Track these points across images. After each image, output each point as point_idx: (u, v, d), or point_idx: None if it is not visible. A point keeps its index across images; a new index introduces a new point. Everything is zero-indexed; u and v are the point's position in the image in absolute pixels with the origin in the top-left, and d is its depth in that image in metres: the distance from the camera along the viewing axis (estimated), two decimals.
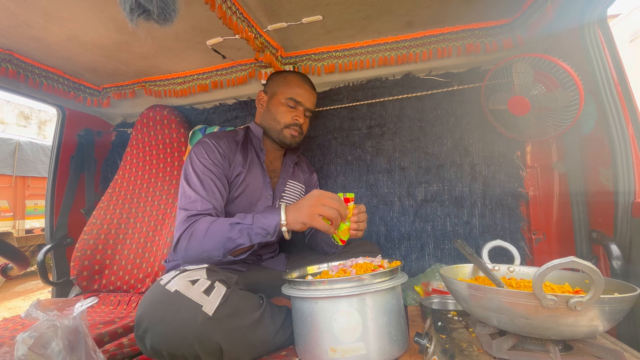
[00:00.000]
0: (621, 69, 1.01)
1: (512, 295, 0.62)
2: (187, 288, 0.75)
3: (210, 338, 0.73)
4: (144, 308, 0.74)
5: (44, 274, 1.52)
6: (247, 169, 1.17)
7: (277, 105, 1.22)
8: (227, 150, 1.15)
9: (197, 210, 1.01)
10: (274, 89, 1.24)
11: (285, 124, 1.21)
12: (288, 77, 1.25)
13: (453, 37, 1.35)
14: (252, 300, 0.87)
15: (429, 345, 0.75)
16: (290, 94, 1.21)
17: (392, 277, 0.83)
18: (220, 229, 0.95)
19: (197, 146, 1.14)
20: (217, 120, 1.76)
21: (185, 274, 0.78)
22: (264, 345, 0.85)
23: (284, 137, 1.22)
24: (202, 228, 0.96)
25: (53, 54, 1.33)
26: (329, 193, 0.94)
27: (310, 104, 1.25)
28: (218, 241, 0.94)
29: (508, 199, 1.40)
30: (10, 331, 1.10)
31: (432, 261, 1.45)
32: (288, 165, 1.31)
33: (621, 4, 7.54)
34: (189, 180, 1.07)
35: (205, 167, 1.08)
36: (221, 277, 0.82)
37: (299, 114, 1.22)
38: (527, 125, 1.19)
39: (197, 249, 0.95)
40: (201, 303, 0.74)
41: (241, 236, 0.93)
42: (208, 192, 1.05)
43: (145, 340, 0.73)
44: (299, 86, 1.23)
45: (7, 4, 1.01)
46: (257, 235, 0.93)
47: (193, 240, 0.96)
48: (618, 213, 0.97)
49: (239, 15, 1.08)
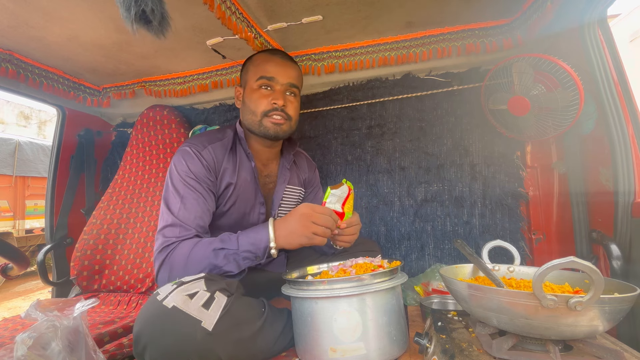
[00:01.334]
0: (621, 69, 1.01)
1: (512, 295, 0.62)
2: (184, 303, 0.71)
3: (211, 353, 0.71)
4: (141, 324, 0.71)
5: (44, 274, 1.52)
6: (237, 179, 1.05)
7: (250, 94, 1.04)
8: (212, 160, 1.02)
9: (175, 237, 0.90)
10: (245, 76, 1.08)
11: (263, 112, 1.02)
12: (255, 56, 1.08)
13: (453, 37, 1.35)
14: (254, 309, 0.84)
15: (429, 345, 0.75)
16: (260, 73, 1.02)
17: (392, 277, 0.83)
18: (203, 254, 0.87)
19: (177, 157, 1.00)
20: (217, 120, 1.76)
21: (182, 287, 0.74)
22: (264, 354, 0.84)
23: (266, 128, 1.03)
24: (182, 256, 0.87)
25: (53, 54, 1.33)
26: (318, 207, 0.89)
27: (288, 77, 1.04)
28: (202, 269, 0.86)
29: (508, 199, 1.40)
30: (10, 331, 1.10)
31: (432, 261, 1.45)
32: (284, 168, 1.18)
33: (621, 4, 7.54)
34: (168, 200, 0.96)
35: (187, 184, 0.96)
36: (221, 285, 0.79)
37: (276, 96, 1.02)
38: (527, 125, 1.19)
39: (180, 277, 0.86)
40: (200, 318, 0.71)
41: (227, 263, 0.86)
42: (189, 212, 0.93)
43: (144, 357, 0.72)
44: (267, 61, 1.04)
45: (7, 4, 1.01)
46: (245, 260, 0.87)
47: (174, 271, 0.87)
48: (618, 213, 0.97)
49: (238, 15, 1.08)
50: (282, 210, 1.20)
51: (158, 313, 0.71)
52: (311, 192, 1.33)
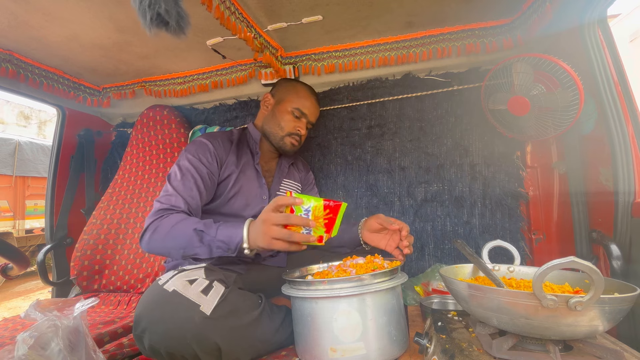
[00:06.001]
0: (621, 69, 1.01)
1: (512, 295, 0.62)
2: (184, 287, 0.75)
3: (208, 337, 0.73)
4: (142, 307, 0.74)
5: (44, 274, 1.52)
6: (240, 170, 1.17)
7: (282, 112, 1.23)
8: (220, 149, 1.15)
9: (169, 205, 1.00)
10: (282, 95, 1.26)
11: (288, 132, 1.22)
12: (297, 87, 1.28)
13: (453, 37, 1.35)
14: (251, 300, 0.87)
15: (429, 345, 0.75)
16: (298, 105, 1.23)
17: (392, 277, 0.83)
18: (184, 231, 0.91)
19: (190, 144, 1.15)
20: (217, 120, 1.76)
21: (183, 273, 0.78)
22: (263, 345, 0.85)
23: (284, 144, 1.23)
24: (168, 225, 0.94)
25: (53, 54, 1.33)
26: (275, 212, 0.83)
27: (314, 117, 1.29)
28: (178, 243, 0.91)
29: (508, 199, 1.40)
30: (10, 331, 1.10)
31: (432, 261, 1.45)
32: (283, 166, 1.32)
33: (621, 4, 7.54)
34: (170, 175, 1.08)
35: (191, 165, 1.08)
36: (219, 276, 0.82)
37: (302, 125, 1.24)
38: (527, 125, 1.19)
39: (158, 244, 0.95)
40: (199, 302, 0.74)
41: (201, 245, 0.89)
42: (186, 188, 1.04)
43: (143, 340, 0.74)
44: (306, 98, 1.25)
45: (7, 4, 1.01)
46: (217, 249, 0.89)
47: (156, 235, 0.95)
48: (618, 213, 0.97)
49: (237, 15, 1.08)
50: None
51: (158, 296, 0.74)
52: (306, 190, 1.41)
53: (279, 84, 1.31)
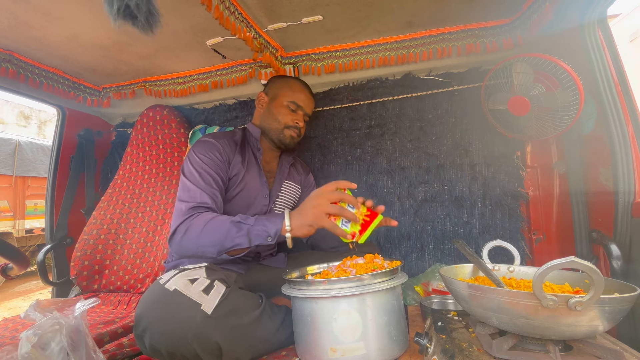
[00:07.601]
0: (621, 69, 1.01)
1: (512, 295, 0.62)
2: (186, 287, 0.75)
3: (209, 337, 0.73)
4: (143, 307, 0.74)
5: (44, 274, 1.52)
6: (246, 169, 1.18)
7: (278, 107, 1.25)
8: (228, 149, 1.16)
9: (197, 202, 0.99)
10: (276, 91, 1.27)
11: (286, 125, 1.24)
12: (290, 81, 1.30)
13: (453, 37, 1.35)
14: (251, 300, 0.87)
15: (429, 345, 0.75)
16: (293, 98, 1.25)
17: (392, 277, 0.83)
18: (220, 225, 0.92)
19: (197, 144, 1.15)
20: (217, 120, 1.76)
21: (184, 273, 0.78)
22: (263, 344, 0.85)
23: (284, 137, 1.25)
24: (201, 222, 0.94)
25: (53, 54, 1.33)
26: (329, 187, 0.92)
27: (309, 109, 1.31)
28: (216, 238, 0.91)
29: (508, 199, 1.40)
30: (10, 331, 1.10)
31: (432, 261, 1.45)
32: (284, 167, 1.33)
33: (621, 4, 7.54)
34: (187, 174, 1.07)
35: (205, 164, 1.08)
36: (220, 276, 0.82)
37: (299, 118, 1.26)
38: (527, 125, 1.19)
39: (192, 243, 0.93)
40: (200, 302, 0.74)
41: (240, 235, 0.90)
42: (207, 185, 1.04)
43: (144, 339, 0.74)
44: (300, 91, 1.27)
45: (7, 4, 1.01)
46: (257, 237, 0.90)
47: (189, 234, 0.94)
48: (618, 213, 0.97)
49: (237, 15, 1.08)
50: (279, 204, 1.27)
51: (159, 295, 0.74)
52: (305, 192, 1.40)
53: (271, 81, 1.33)
